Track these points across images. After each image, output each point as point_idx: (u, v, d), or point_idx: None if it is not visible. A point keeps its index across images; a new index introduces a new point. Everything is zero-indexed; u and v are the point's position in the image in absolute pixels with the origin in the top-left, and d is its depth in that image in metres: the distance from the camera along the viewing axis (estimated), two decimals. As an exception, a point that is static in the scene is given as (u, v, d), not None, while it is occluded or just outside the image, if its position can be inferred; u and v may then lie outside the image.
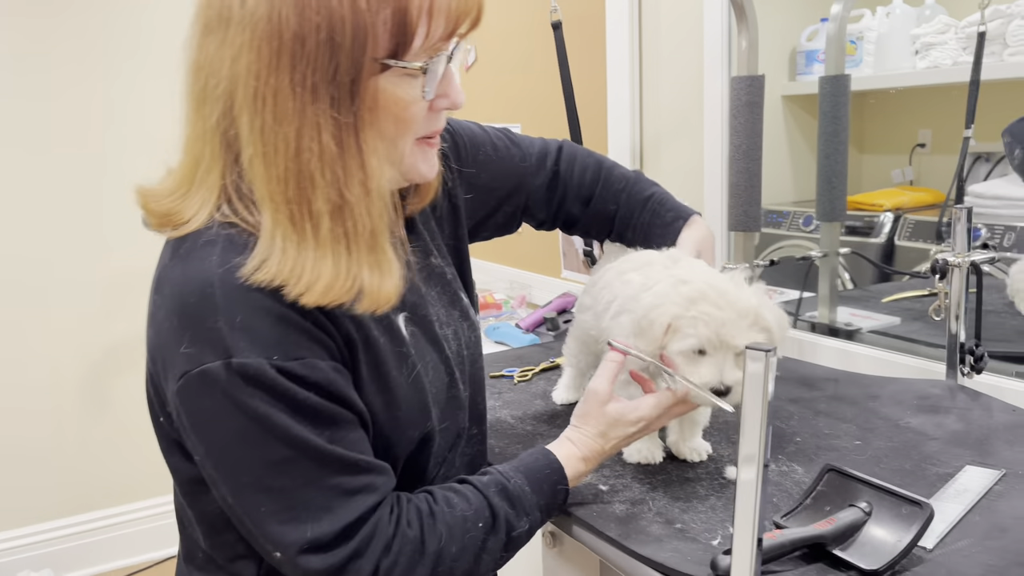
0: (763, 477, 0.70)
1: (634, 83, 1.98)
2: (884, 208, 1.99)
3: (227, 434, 0.77)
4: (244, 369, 0.75)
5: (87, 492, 2.87)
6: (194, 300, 0.77)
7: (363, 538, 0.79)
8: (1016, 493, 0.95)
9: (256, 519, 0.79)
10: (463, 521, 0.85)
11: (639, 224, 1.18)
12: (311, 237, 0.77)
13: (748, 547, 0.71)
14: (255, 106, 0.76)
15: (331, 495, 0.79)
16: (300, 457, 0.77)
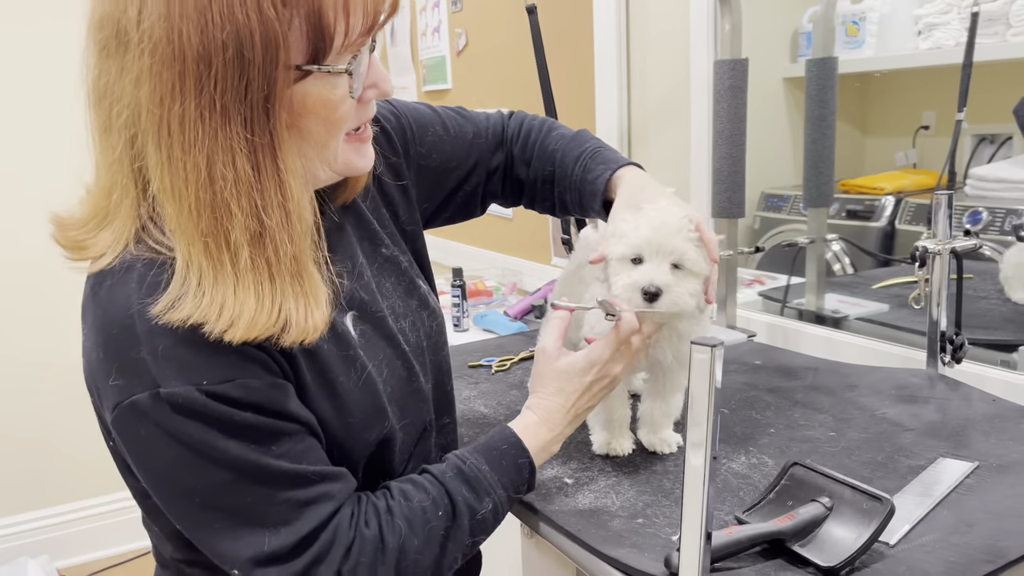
0: (710, 470, 0.68)
1: (621, 69, 1.95)
2: (885, 192, 1.96)
3: (166, 462, 0.75)
4: (173, 399, 0.72)
5: (85, 479, 2.88)
6: (116, 332, 0.73)
7: (323, 545, 0.77)
8: (987, 486, 0.93)
9: (208, 539, 0.77)
10: (422, 513, 0.83)
11: (572, 183, 1.09)
12: (230, 270, 0.72)
13: (696, 544, 0.69)
14: (160, 136, 0.70)
15: (285, 508, 0.76)
16: (245, 478, 0.75)
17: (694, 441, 0.68)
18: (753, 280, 1.98)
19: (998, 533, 0.82)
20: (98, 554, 2.93)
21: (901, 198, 1.93)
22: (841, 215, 2.00)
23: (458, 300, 2.13)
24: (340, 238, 0.93)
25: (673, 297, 0.93)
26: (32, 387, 2.77)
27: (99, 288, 0.76)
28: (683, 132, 1.82)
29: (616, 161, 1.07)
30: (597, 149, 1.09)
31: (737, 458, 1.04)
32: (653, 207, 0.96)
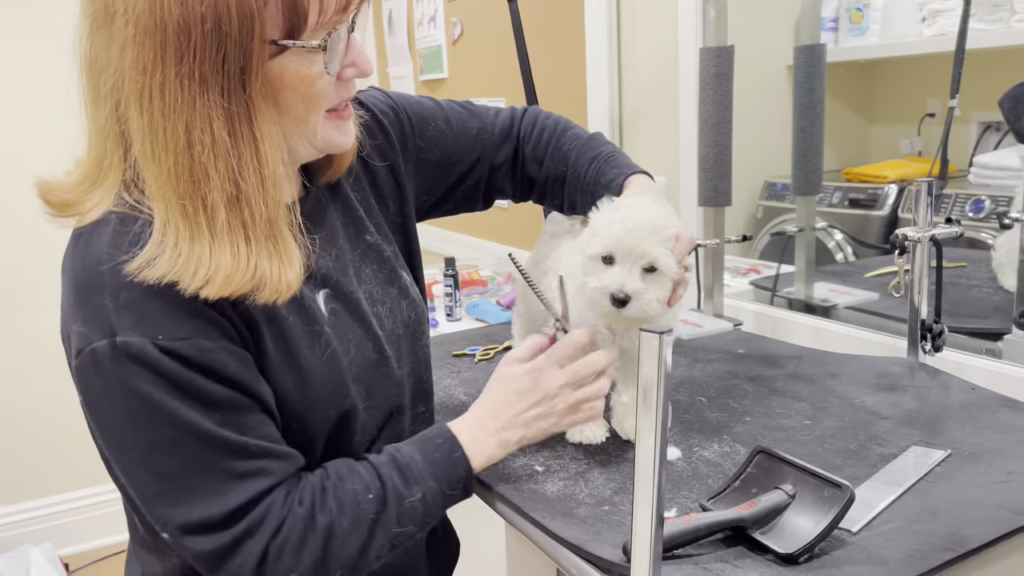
0: (661, 456, 0.68)
1: (612, 58, 1.94)
2: (888, 180, 1.95)
3: (115, 414, 0.77)
4: (127, 348, 0.74)
5: (88, 467, 2.90)
6: (84, 279, 0.76)
7: (253, 520, 0.79)
8: (956, 474, 0.93)
9: (144, 499, 0.79)
10: (353, 495, 0.84)
11: (585, 185, 1.12)
12: (207, 230, 0.75)
13: (647, 531, 0.69)
14: (142, 101, 0.74)
15: (221, 478, 0.78)
16: (187, 439, 0.76)
17: (645, 427, 0.67)
18: (749, 269, 1.97)
19: (961, 521, 0.82)
20: (101, 542, 2.95)
21: (904, 186, 1.91)
22: (844, 204, 1.99)
23: (451, 290, 2.13)
24: (323, 219, 0.95)
25: (641, 304, 0.93)
26: (34, 375, 2.79)
27: (78, 240, 0.79)
28: (672, 121, 1.81)
29: (630, 167, 1.09)
30: (611, 154, 1.12)
31: (710, 446, 1.03)
32: (631, 205, 0.96)
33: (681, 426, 1.10)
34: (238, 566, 0.79)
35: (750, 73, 1.75)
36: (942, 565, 0.75)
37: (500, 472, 0.99)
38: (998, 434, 1.02)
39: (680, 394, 1.21)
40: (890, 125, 2.17)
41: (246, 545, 0.78)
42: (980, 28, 1.60)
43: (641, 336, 0.66)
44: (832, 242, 1.92)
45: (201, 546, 0.78)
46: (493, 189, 1.19)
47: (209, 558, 0.78)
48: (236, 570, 0.79)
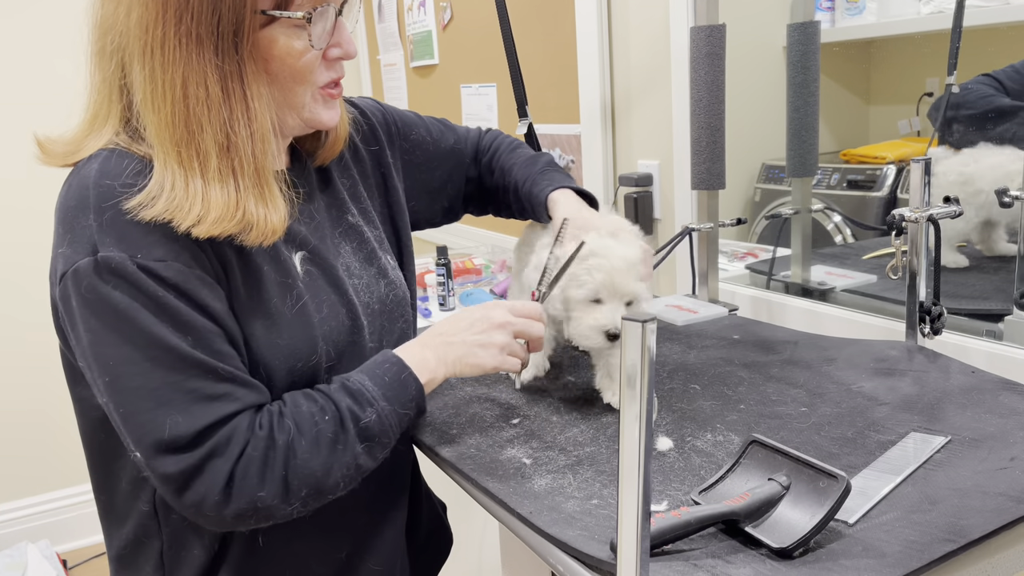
0: (647, 448, 0.65)
1: (603, 41, 1.91)
2: (887, 161, 1.92)
3: (93, 330, 0.80)
4: (107, 262, 0.79)
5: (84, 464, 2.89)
6: (73, 203, 0.82)
7: (219, 441, 0.82)
8: (957, 461, 0.90)
9: (121, 418, 0.82)
10: (310, 416, 0.88)
11: (523, 195, 1.21)
12: (200, 175, 0.82)
13: (633, 527, 0.66)
14: (144, 55, 0.82)
15: (190, 398, 0.81)
16: (160, 356, 0.80)
17: (629, 418, 0.65)
18: (747, 253, 1.94)
19: (961, 511, 0.79)
20: (98, 538, 2.94)
21: (903, 167, 1.88)
22: (842, 185, 1.96)
23: (443, 279, 2.10)
24: (308, 191, 1.02)
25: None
26: (32, 371, 2.77)
27: (69, 176, 0.86)
28: (665, 103, 1.77)
29: (555, 184, 1.18)
30: (544, 171, 1.22)
31: (703, 436, 1.01)
32: (602, 247, 1.04)
33: (674, 415, 1.07)
34: (206, 487, 0.81)
35: (746, 54, 1.71)
36: (942, 557, 0.73)
37: (487, 465, 0.97)
38: (1000, 418, 0.99)
39: (673, 382, 1.18)
40: (888, 105, 2.13)
41: (212, 465, 0.81)
42: (978, 5, 1.57)
43: (624, 325, 0.63)
44: (831, 224, 1.89)
45: (169, 467, 0.80)
46: (467, 198, 1.29)
47: (177, 480, 0.81)
48: (204, 491, 0.81)
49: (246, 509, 0.83)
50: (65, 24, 2.60)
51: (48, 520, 2.89)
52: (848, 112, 2.04)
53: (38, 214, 2.70)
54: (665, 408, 1.09)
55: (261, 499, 0.83)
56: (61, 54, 2.65)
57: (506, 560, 1.36)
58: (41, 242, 2.68)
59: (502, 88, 2.37)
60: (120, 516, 0.97)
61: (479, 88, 2.48)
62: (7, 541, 2.77)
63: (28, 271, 2.72)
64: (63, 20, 2.66)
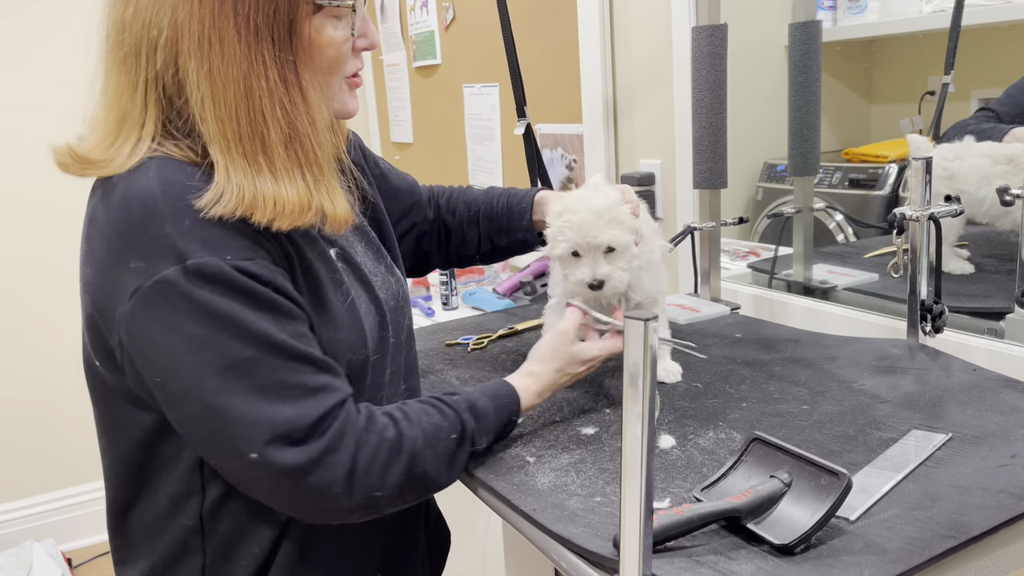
0: (649, 445, 0.66)
1: (605, 40, 1.91)
2: (888, 159, 1.92)
3: (188, 341, 0.77)
4: (202, 269, 0.77)
5: (89, 463, 2.90)
6: (137, 214, 0.78)
7: (335, 433, 0.81)
8: (958, 459, 0.90)
9: (225, 423, 0.79)
10: (437, 429, 0.90)
11: (500, 212, 1.24)
12: (266, 168, 0.81)
13: (636, 523, 0.67)
14: (202, 51, 0.79)
15: (298, 392, 0.80)
16: (264, 355, 0.79)
17: (632, 415, 0.65)
18: (749, 252, 1.94)
19: (962, 507, 0.80)
20: (103, 537, 2.95)
21: (904, 166, 1.88)
22: (844, 184, 1.96)
23: (446, 278, 2.11)
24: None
25: (613, 283, 1.08)
26: (36, 371, 2.78)
27: (111, 188, 0.82)
28: (666, 102, 1.78)
29: (533, 189, 1.25)
30: (512, 189, 1.27)
31: (705, 433, 1.01)
32: (569, 207, 1.07)
33: (676, 413, 1.08)
34: (329, 479, 0.81)
35: (748, 54, 1.72)
36: (943, 553, 0.73)
37: (491, 463, 0.97)
38: (1000, 416, 0.99)
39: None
40: (890, 104, 2.13)
41: (333, 457, 0.81)
42: (979, 4, 1.57)
43: (626, 323, 0.64)
44: (832, 223, 1.90)
45: (290, 459, 0.79)
46: (425, 237, 1.29)
47: (298, 472, 0.80)
48: (328, 482, 0.81)
49: (361, 504, 0.84)
50: (72, 23, 2.61)
51: (53, 519, 2.90)
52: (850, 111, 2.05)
53: (40, 218, 2.71)
54: (667, 406, 1.10)
55: (375, 498, 0.84)
56: (73, 53, 2.66)
57: (509, 557, 1.37)
58: (41, 244, 2.69)
59: (504, 88, 2.37)
60: (152, 535, 0.93)
61: (481, 88, 2.49)
62: (12, 540, 2.78)
63: (29, 275, 2.73)
64: (72, 18, 2.67)
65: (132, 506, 0.94)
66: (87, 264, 0.83)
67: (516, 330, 1.48)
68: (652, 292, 1.16)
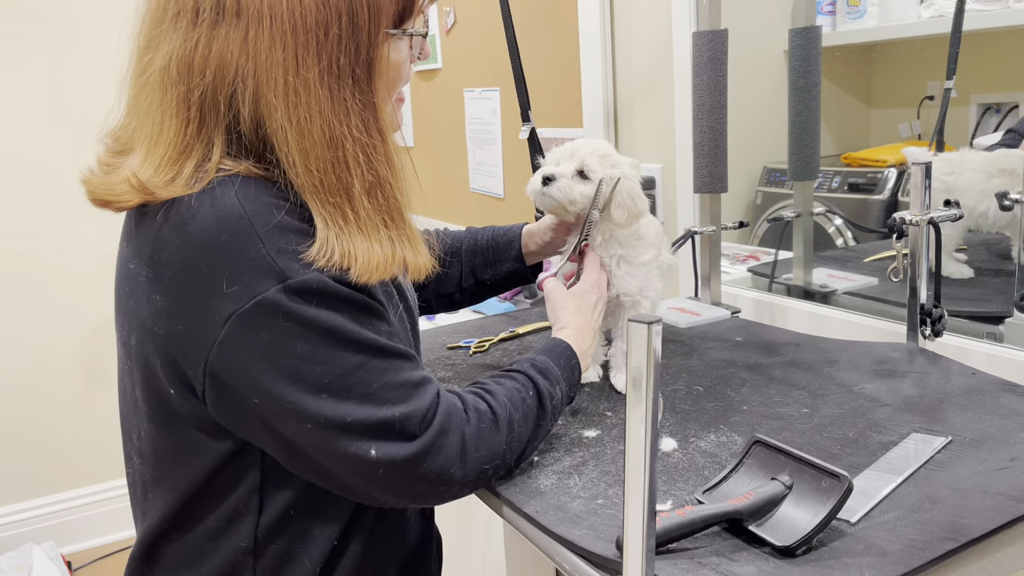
0: (652, 448, 0.66)
1: (606, 45, 1.92)
2: (887, 164, 1.93)
3: (296, 359, 0.76)
4: (306, 286, 0.75)
5: (89, 466, 2.90)
6: (226, 237, 0.75)
7: (442, 418, 0.83)
8: (957, 462, 0.91)
9: (340, 432, 0.78)
10: (517, 393, 0.92)
11: (484, 245, 1.27)
12: (353, 220, 0.79)
13: (639, 525, 0.67)
14: (287, 101, 0.76)
15: (404, 390, 0.81)
16: (370, 360, 0.79)
17: (635, 418, 0.66)
18: (748, 256, 1.95)
19: (962, 510, 0.80)
20: (103, 540, 2.95)
21: (904, 170, 1.89)
22: (843, 188, 1.97)
23: (447, 281, 2.11)
24: None
25: (560, 185, 1.14)
26: (36, 374, 2.78)
27: (184, 211, 0.77)
28: (667, 107, 1.79)
29: (519, 224, 1.28)
30: (494, 226, 1.30)
31: (706, 436, 1.02)
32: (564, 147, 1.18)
33: (677, 416, 1.08)
34: (444, 461, 0.83)
35: (748, 59, 1.73)
36: (943, 555, 0.74)
37: (493, 466, 0.98)
38: (1000, 419, 1.00)
39: (677, 383, 1.19)
40: (889, 109, 2.14)
41: (445, 440, 0.83)
42: (979, 9, 1.58)
43: (629, 326, 0.65)
44: (832, 227, 1.90)
45: (408, 451, 0.80)
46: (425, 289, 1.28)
47: (417, 462, 0.81)
48: (444, 464, 0.83)
49: (473, 479, 0.86)
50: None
51: (53, 522, 2.89)
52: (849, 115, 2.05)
53: (41, 215, 2.71)
54: (669, 409, 1.11)
55: (485, 470, 0.87)
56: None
57: (510, 559, 1.37)
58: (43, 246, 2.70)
59: (505, 92, 2.38)
60: (198, 557, 0.89)
61: (482, 92, 2.49)
62: (12, 543, 2.78)
63: (30, 278, 2.73)
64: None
65: (176, 530, 0.90)
66: (156, 293, 0.79)
67: (517, 333, 1.48)
68: (634, 291, 1.18)
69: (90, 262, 2.77)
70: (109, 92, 0.89)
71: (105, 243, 2.76)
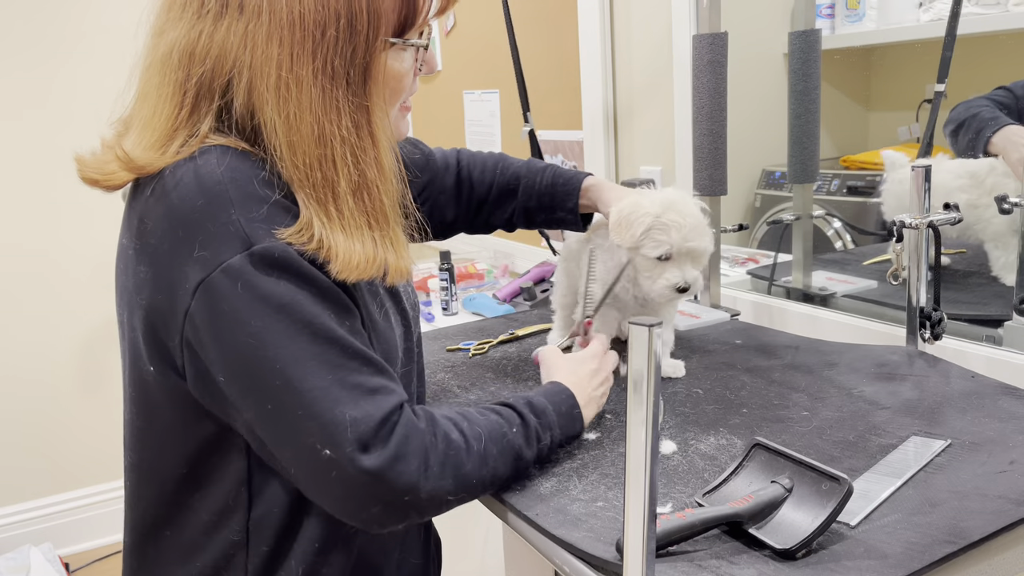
0: (653, 451, 0.66)
1: (606, 47, 1.92)
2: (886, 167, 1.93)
3: (252, 335, 0.75)
4: (269, 253, 0.74)
5: (87, 467, 2.89)
6: (203, 202, 0.75)
7: (400, 439, 0.78)
8: (957, 465, 0.91)
9: (292, 422, 0.76)
10: (499, 426, 0.88)
11: (542, 189, 1.23)
12: (336, 218, 0.79)
13: (640, 527, 0.67)
14: (279, 95, 0.77)
15: (356, 393, 0.77)
16: (326, 349, 0.76)
17: (635, 421, 0.66)
18: (748, 259, 1.95)
19: (962, 513, 0.80)
20: (101, 541, 2.94)
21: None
22: (842, 191, 1.97)
23: (446, 284, 2.11)
24: None
25: (697, 287, 1.13)
26: (34, 376, 2.78)
27: (167, 179, 0.78)
28: (667, 110, 1.79)
29: (581, 172, 1.23)
30: (555, 166, 1.26)
31: (706, 439, 1.02)
32: (676, 209, 1.09)
33: (677, 419, 1.08)
34: (401, 485, 0.78)
35: (746, 62, 1.73)
36: (942, 558, 0.74)
37: (493, 469, 0.98)
38: (999, 422, 1.00)
39: (676, 386, 1.19)
40: (888, 112, 2.15)
41: (405, 463, 0.78)
42: (977, 12, 1.58)
43: (631, 328, 0.65)
44: (831, 230, 1.91)
45: (362, 464, 0.76)
46: (435, 218, 1.27)
47: (370, 478, 0.76)
48: (400, 489, 0.78)
49: (438, 505, 0.82)
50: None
51: (51, 523, 2.89)
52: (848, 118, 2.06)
53: (41, 214, 2.71)
54: (669, 412, 1.11)
55: (449, 501, 0.83)
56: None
57: (510, 562, 1.37)
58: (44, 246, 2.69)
59: (505, 94, 2.38)
60: (188, 551, 0.89)
61: (482, 94, 2.50)
62: (9, 544, 2.78)
63: (29, 280, 2.73)
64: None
65: (166, 524, 0.90)
66: (141, 263, 0.79)
67: (517, 335, 1.48)
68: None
69: (89, 263, 2.77)
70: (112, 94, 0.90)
71: (104, 243, 2.76)
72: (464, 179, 1.26)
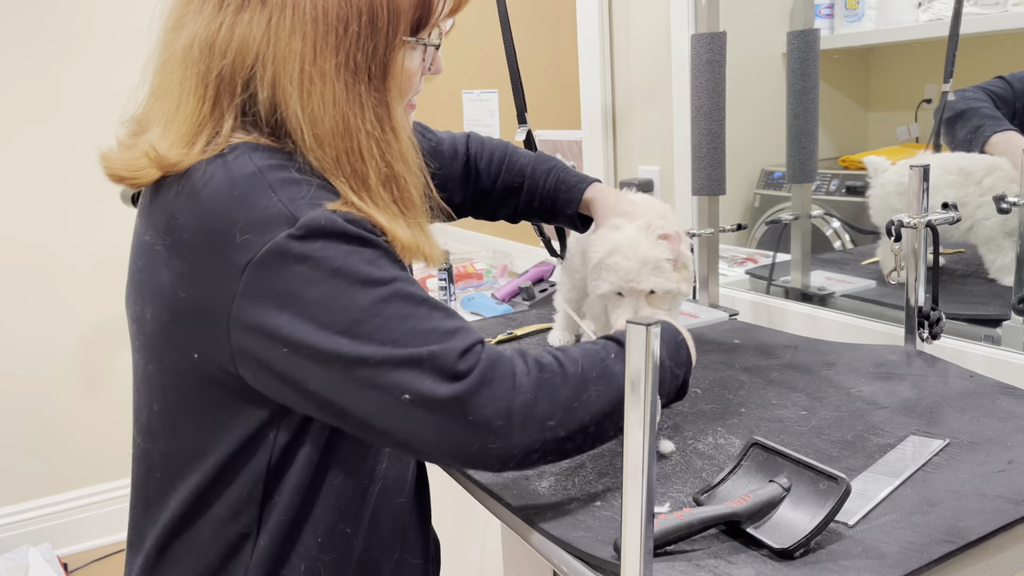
0: (650, 451, 0.66)
1: (604, 47, 1.92)
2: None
3: (313, 303, 0.74)
4: (314, 222, 0.74)
5: (86, 467, 2.89)
6: (240, 192, 0.76)
7: (485, 367, 0.76)
8: (955, 464, 0.91)
9: (368, 376, 0.74)
10: (594, 354, 0.85)
11: (545, 191, 1.23)
12: (372, 207, 0.80)
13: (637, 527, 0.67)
14: (302, 88, 0.78)
15: (434, 335, 0.75)
16: (392, 300, 0.75)
17: (633, 421, 0.66)
18: (746, 258, 1.95)
19: (960, 512, 0.80)
20: (99, 541, 2.94)
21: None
22: (841, 191, 1.97)
23: (445, 283, 2.11)
24: None
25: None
26: (34, 376, 2.78)
27: (197, 177, 0.78)
28: (665, 109, 1.79)
29: (587, 178, 1.22)
30: (563, 167, 1.24)
31: (704, 439, 1.02)
32: (617, 247, 1.09)
33: (675, 419, 1.08)
34: (495, 408, 0.76)
35: (745, 61, 1.73)
36: (941, 558, 0.74)
37: (491, 468, 0.98)
38: (997, 422, 1.00)
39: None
40: (887, 112, 2.14)
41: (493, 387, 0.76)
42: (977, 12, 1.58)
43: (628, 328, 0.65)
44: (830, 230, 1.91)
45: (446, 392, 0.74)
46: (445, 200, 1.23)
47: (460, 402, 0.75)
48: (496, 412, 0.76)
49: (539, 434, 0.78)
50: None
51: (49, 524, 2.89)
52: (847, 118, 2.06)
53: (42, 213, 2.71)
54: (667, 411, 1.11)
55: (551, 426, 0.78)
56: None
57: (508, 561, 1.37)
58: (44, 244, 2.69)
59: (503, 94, 2.38)
60: (199, 546, 0.88)
61: (480, 94, 2.50)
62: (8, 544, 2.78)
63: (30, 279, 2.73)
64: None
65: (189, 524, 0.88)
66: (174, 257, 0.79)
67: (515, 335, 1.48)
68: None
69: (89, 262, 2.77)
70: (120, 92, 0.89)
71: (103, 243, 2.76)
72: (472, 168, 1.26)
